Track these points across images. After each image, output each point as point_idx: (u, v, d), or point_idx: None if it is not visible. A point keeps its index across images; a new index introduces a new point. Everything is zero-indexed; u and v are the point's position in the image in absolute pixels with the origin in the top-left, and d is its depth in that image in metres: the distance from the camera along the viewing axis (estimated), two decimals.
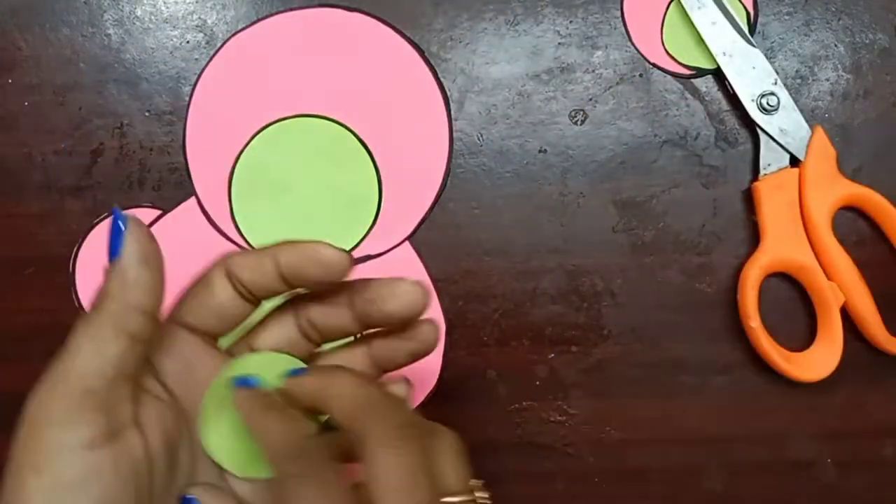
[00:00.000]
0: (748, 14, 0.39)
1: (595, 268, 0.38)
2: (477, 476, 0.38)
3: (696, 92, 0.39)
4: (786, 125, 0.37)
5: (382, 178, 0.39)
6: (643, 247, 0.38)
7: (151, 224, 0.39)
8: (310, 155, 0.39)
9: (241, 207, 0.39)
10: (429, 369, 0.37)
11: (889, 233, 0.38)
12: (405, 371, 0.29)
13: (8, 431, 0.39)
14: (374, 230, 0.39)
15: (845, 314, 0.37)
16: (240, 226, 0.39)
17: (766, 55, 0.38)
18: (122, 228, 0.26)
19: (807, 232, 0.37)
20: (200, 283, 0.28)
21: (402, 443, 0.23)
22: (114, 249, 0.25)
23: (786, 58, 0.39)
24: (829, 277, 0.37)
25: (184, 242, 0.39)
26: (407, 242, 0.39)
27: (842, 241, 0.37)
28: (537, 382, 0.38)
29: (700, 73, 0.39)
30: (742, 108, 0.38)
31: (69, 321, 0.39)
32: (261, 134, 0.39)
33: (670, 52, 0.39)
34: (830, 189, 0.37)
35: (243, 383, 0.27)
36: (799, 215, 0.37)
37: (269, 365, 0.28)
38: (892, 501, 0.38)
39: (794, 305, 0.38)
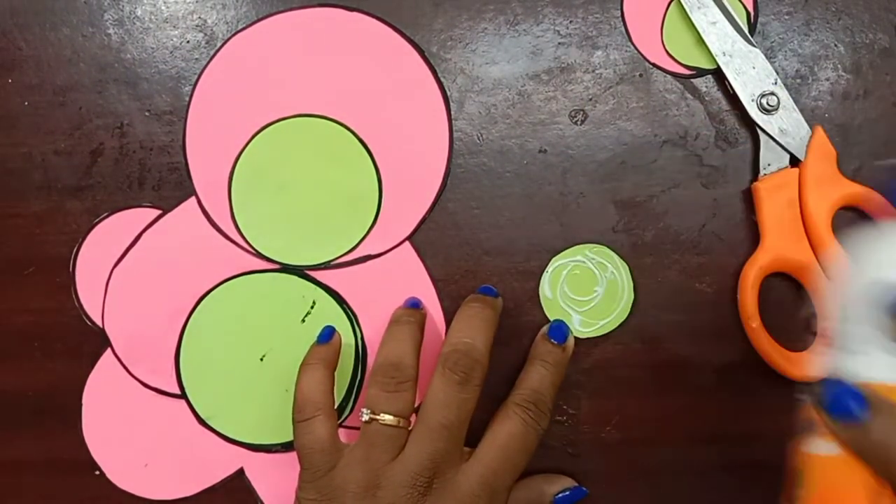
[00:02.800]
0: (748, 14, 0.39)
1: None
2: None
3: (696, 92, 0.39)
4: (786, 125, 0.37)
5: (382, 178, 0.39)
6: (643, 247, 0.38)
7: (151, 224, 0.39)
8: (310, 155, 0.39)
9: (241, 207, 0.39)
10: (429, 369, 0.37)
11: None
12: None
13: (9, 430, 0.39)
14: (374, 230, 0.39)
15: None
16: (240, 226, 0.39)
17: (766, 55, 0.38)
18: None
19: (807, 232, 0.37)
20: None
21: None
22: None
23: (786, 58, 0.39)
24: (829, 277, 0.37)
25: (184, 242, 0.39)
26: (407, 242, 0.39)
27: (842, 241, 0.37)
28: None
29: (700, 73, 0.39)
30: (742, 108, 0.38)
31: (69, 321, 0.39)
32: (261, 134, 0.39)
33: (670, 52, 0.39)
34: (830, 189, 0.37)
35: None
36: (799, 215, 0.37)
37: None
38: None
39: (794, 305, 0.38)
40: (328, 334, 0.37)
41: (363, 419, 0.33)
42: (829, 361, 0.25)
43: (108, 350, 0.39)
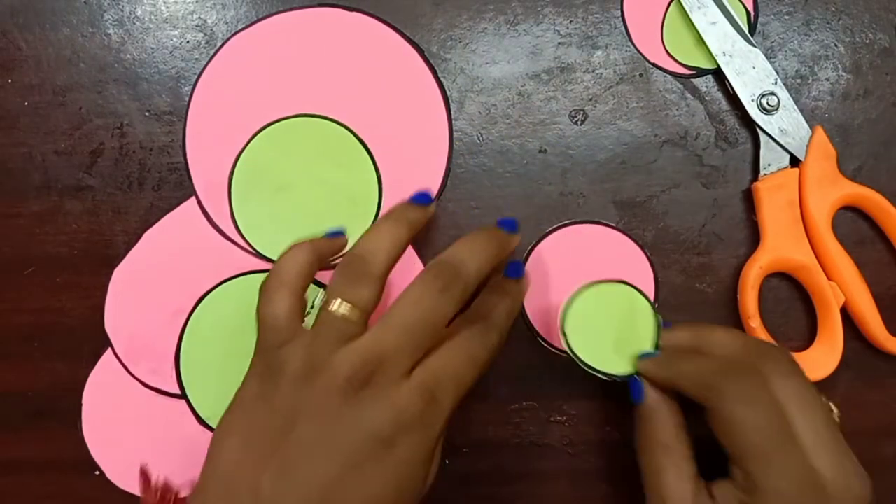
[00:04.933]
0: (748, 14, 0.39)
1: None
2: (477, 476, 0.39)
3: (696, 92, 0.39)
4: (786, 125, 0.37)
5: (382, 178, 0.39)
6: (643, 247, 0.38)
7: (151, 224, 0.39)
8: (310, 155, 0.39)
9: (241, 207, 0.39)
10: None
11: (889, 233, 0.38)
12: None
13: (9, 430, 0.39)
14: None
15: (845, 314, 0.37)
16: (240, 226, 0.39)
17: (766, 55, 0.38)
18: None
19: (807, 232, 0.37)
20: None
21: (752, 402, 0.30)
22: None
23: (786, 58, 0.39)
24: (829, 277, 0.37)
25: (184, 242, 0.39)
26: None
27: (842, 241, 0.37)
28: (537, 382, 0.38)
29: (700, 73, 0.39)
30: (742, 108, 0.38)
31: (69, 321, 0.39)
32: (261, 134, 0.39)
33: (670, 52, 0.39)
34: (830, 189, 0.37)
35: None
36: (799, 215, 0.37)
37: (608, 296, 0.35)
38: (893, 501, 0.38)
39: (794, 305, 0.38)
40: (332, 234, 0.36)
41: (317, 302, 0.32)
42: None
43: (108, 350, 0.39)
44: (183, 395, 0.39)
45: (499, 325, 0.33)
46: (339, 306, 0.31)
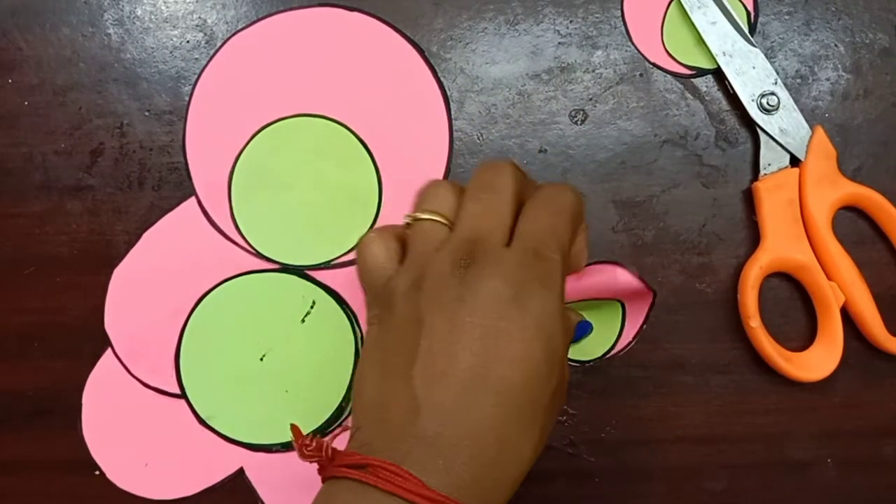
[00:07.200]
0: (748, 14, 0.39)
1: None
2: None
3: (696, 92, 0.39)
4: (786, 125, 0.37)
5: (382, 178, 0.39)
6: (643, 247, 0.38)
7: (151, 224, 0.39)
8: (310, 155, 0.39)
9: (241, 207, 0.39)
10: None
11: (889, 233, 0.38)
12: None
13: (9, 430, 0.39)
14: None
15: (845, 314, 0.37)
16: (240, 226, 0.39)
17: (766, 55, 0.38)
18: None
19: (807, 232, 0.37)
20: None
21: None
22: None
23: (786, 58, 0.39)
24: (829, 277, 0.37)
25: (184, 242, 0.39)
26: None
27: (842, 241, 0.37)
28: None
29: (700, 72, 0.39)
30: (742, 107, 0.38)
31: (69, 321, 0.39)
32: (261, 134, 0.39)
33: (670, 51, 0.39)
34: (830, 189, 0.37)
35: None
36: (799, 215, 0.37)
37: None
38: (892, 501, 0.38)
39: (794, 305, 0.38)
40: None
41: (405, 221, 0.32)
42: None
43: (108, 350, 0.39)
44: (183, 395, 0.39)
45: (567, 185, 0.32)
46: (424, 216, 0.31)
